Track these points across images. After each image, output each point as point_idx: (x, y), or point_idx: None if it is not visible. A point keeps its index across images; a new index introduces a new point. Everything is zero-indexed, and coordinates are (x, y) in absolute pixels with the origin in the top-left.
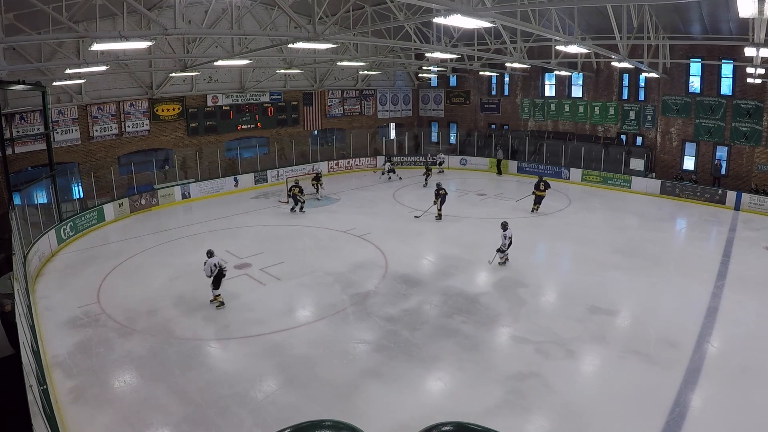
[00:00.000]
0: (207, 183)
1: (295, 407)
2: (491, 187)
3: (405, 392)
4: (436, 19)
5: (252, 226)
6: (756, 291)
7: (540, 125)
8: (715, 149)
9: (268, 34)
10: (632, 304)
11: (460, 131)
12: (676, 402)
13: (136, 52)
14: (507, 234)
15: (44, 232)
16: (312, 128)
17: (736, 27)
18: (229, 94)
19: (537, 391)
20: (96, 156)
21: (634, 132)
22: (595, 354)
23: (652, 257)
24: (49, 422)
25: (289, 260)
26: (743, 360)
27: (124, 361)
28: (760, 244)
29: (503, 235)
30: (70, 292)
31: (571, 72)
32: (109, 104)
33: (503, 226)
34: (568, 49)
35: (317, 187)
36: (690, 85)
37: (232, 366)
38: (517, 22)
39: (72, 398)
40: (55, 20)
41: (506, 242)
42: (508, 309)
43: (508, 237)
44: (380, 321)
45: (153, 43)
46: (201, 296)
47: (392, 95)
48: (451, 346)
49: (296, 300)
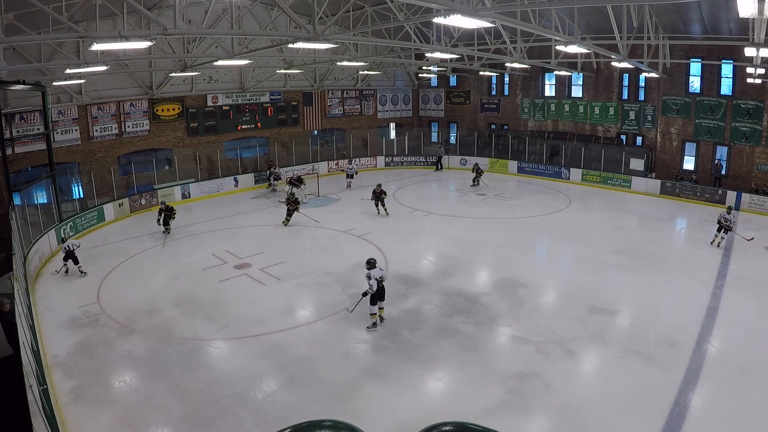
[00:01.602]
0: (207, 183)
1: (295, 407)
2: (491, 187)
3: (405, 392)
4: (436, 19)
5: (252, 226)
6: (756, 291)
7: (540, 125)
8: (715, 149)
9: (268, 34)
10: (632, 304)
11: (460, 131)
12: (676, 402)
13: (136, 52)
14: (373, 274)
15: (44, 232)
16: (312, 128)
17: (736, 27)
18: (229, 94)
19: (537, 391)
20: (96, 156)
21: (634, 132)
22: (595, 354)
23: (652, 257)
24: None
25: (289, 260)
26: (743, 360)
27: (124, 361)
28: (760, 244)
29: (368, 276)
30: (70, 292)
31: (571, 72)
32: (109, 104)
33: (369, 264)
34: (568, 49)
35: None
36: (690, 85)
37: (232, 366)
38: (517, 22)
39: (72, 398)
40: (55, 20)
41: (372, 284)
42: (508, 309)
43: (374, 278)
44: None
45: (153, 43)
46: (201, 296)
47: (392, 95)
48: (451, 346)
49: (296, 300)
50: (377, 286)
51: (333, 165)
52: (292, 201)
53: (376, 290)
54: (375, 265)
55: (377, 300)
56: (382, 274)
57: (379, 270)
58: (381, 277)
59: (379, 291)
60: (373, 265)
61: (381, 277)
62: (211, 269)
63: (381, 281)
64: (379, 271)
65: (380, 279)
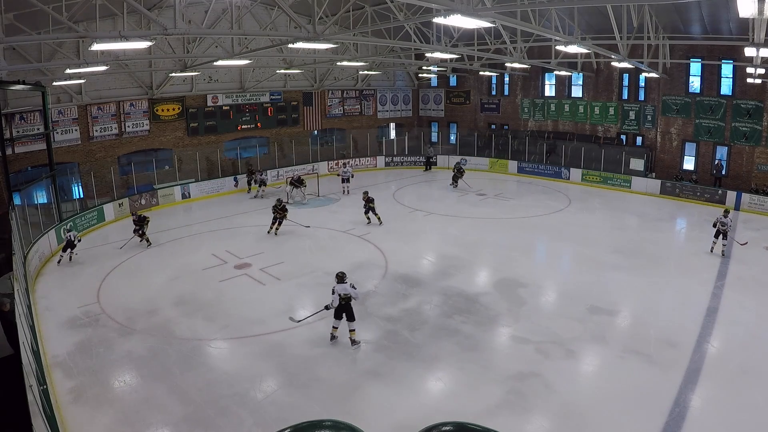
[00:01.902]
0: (207, 183)
1: (295, 407)
2: (491, 187)
3: (405, 392)
4: (436, 19)
5: (252, 226)
6: (756, 291)
7: (540, 125)
8: (715, 149)
9: (268, 34)
10: (632, 304)
11: (460, 131)
12: (676, 402)
13: (136, 52)
14: (337, 289)
15: (44, 232)
16: (312, 128)
17: (736, 27)
18: (229, 94)
19: (537, 391)
20: (96, 156)
21: (634, 132)
22: (595, 354)
23: (652, 257)
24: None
25: (289, 260)
26: (743, 360)
27: (124, 361)
28: (760, 244)
29: (333, 290)
30: (70, 292)
31: (571, 72)
32: (109, 104)
33: (337, 277)
34: (568, 49)
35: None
36: (690, 85)
37: (232, 366)
38: (517, 22)
39: (72, 398)
40: (55, 20)
41: (334, 299)
42: (508, 309)
43: (337, 293)
44: (380, 321)
45: (153, 43)
46: (201, 296)
47: (392, 95)
48: (451, 346)
49: (296, 300)
50: (338, 302)
51: (333, 165)
52: (280, 208)
53: (337, 306)
54: (344, 280)
55: (341, 314)
56: (351, 292)
57: (347, 286)
58: (347, 294)
59: (341, 308)
60: (341, 280)
61: (346, 294)
62: (211, 269)
63: (346, 298)
64: (348, 288)
65: (345, 296)
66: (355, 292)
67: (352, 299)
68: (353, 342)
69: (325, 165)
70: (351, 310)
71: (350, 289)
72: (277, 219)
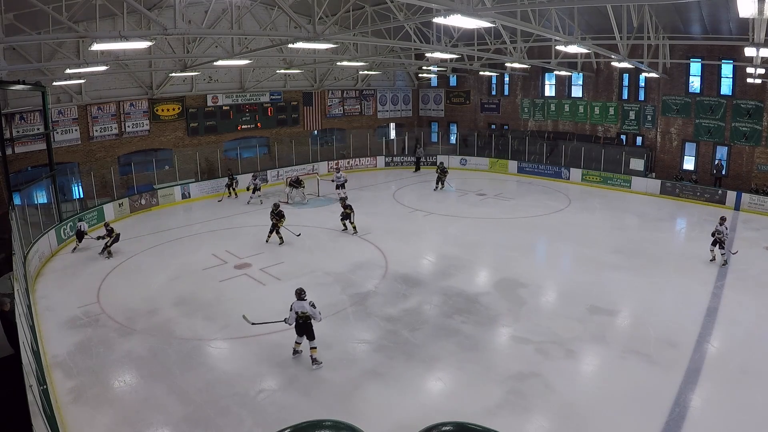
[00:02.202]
0: (207, 183)
1: (295, 407)
2: (491, 187)
3: (405, 392)
4: (436, 19)
5: (252, 226)
6: (756, 291)
7: (540, 125)
8: (715, 149)
9: (268, 34)
10: (632, 304)
11: (460, 131)
12: (676, 402)
13: (136, 52)
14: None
15: (44, 232)
16: (312, 128)
17: (736, 27)
18: (229, 94)
19: (537, 391)
20: (96, 156)
21: (634, 132)
22: (595, 354)
23: (652, 257)
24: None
25: (289, 260)
26: (743, 360)
27: (124, 361)
28: (760, 244)
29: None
30: (70, 292)
31: (571, 72)
32: (109, 104)
33: (296, 294)
34: (568, 49)
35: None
36: (690, 85)
37: (232, 366)
38: (517, 22)
39: (72, 398)
40: (55, 20)
41: (291, 316)
42: (508, 309)
43: (294, 311)
44: (380, 321)
45: (153, 43)
46: (201, 296)
47: (392, 95)
48: (451, 346)
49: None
50: (296, 321)
51: (333, 165)
52: (276, 213)
53: (295, 325)
54: (302, 297)
55: (302, 332)
56: (309, 311)
57: (305, 305)
58: (304, 312)
59: (300, 326)
60: (300, 297)
61: (304, 313)
62: (211, 269)
63: (305, 317)
64: (306, 306)
65: (303, 314)
66: (314, 311)
67: (312, 319)
68: (314, 361)
69: (325, 165)
70: (311, 329)
71: (308, 308)
72: (274, 227)
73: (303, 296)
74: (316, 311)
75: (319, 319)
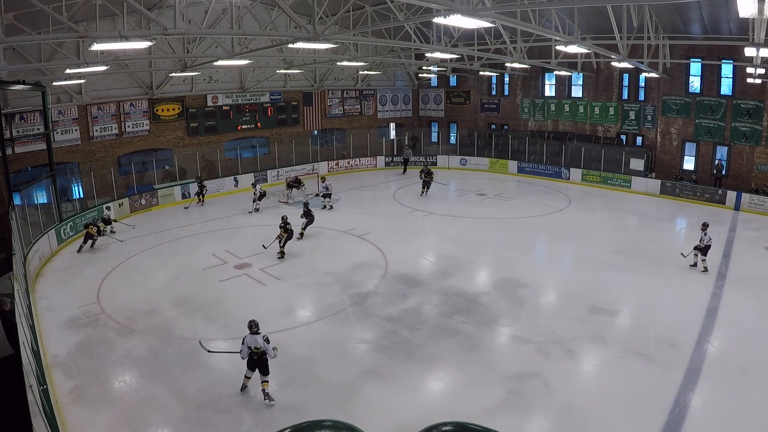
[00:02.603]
0: (207, 183)
1: (295, 407)
2: (491, 187)
3: (405, 392)
4: (436, 19)
5: (252, 226)
6: (756, 291)
7: (540, 125)
8: (715, 149)
9: (268, 34)
10: (632, 304)
11: (460, 131)
12: (676, 402)
13: (136, 52)
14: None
15: (44, 232)
16: (312, 128)
17: (736, 27)
18: (229, 94)
19: (537, 391)
20: (96, 156)
21: (634, 132)
22: (595, 354)
23: (652, 257)
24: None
25: (288, 260)
26: (743, 360)
27: (124, 361)
28: (760, 244)
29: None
30: (70, 292)
31: (571, 72)
32: (109, 104)
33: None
34: (568, 49)
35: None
36: (690, 85)
37: (232, 366)
38: (517, 22)
39: (72, 398)
40: (55, 20)
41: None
42: (508, 309)
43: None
44: (380, 321)
45: (153, 43)
46: (201, 296)
47: (392, 95)
48: (451, 346)
49: (296, 300)
50: (248, 356)
51: (333, 165)
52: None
53: (248, 360)
54: (255, 330)
55: (254, 367)
56: (264, 346)
57: (258, 339)
58: (258, 347)
59: (254, 362)
60: (252, 331)
61: (258, 348)
62: (211, 269)
63: (259, 353)
64: (259, 341)
65: (256, 349)
66: (268, 347)
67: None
68: (266, 395)
69: (325, 165)
70: (265, 364)
71: (262, 342)
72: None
73: (255, 330)
74: (270, 347)
75: (273, 355)
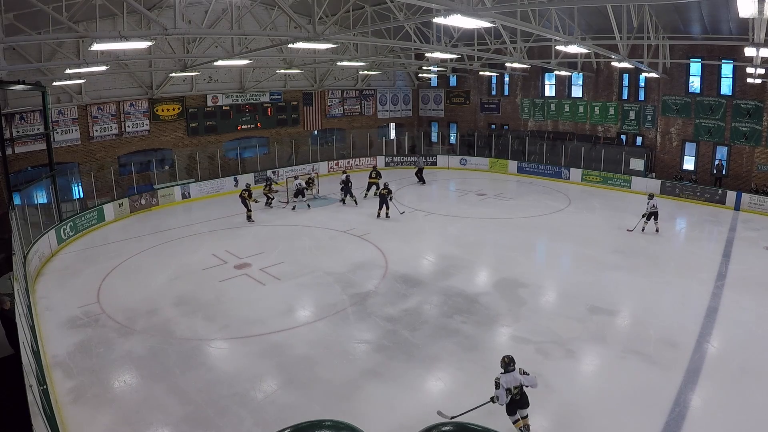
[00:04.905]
0: (207, 183)
1: (295, 407)
2: (491, 187)
3: (405, 392)
4: (436, 19)
5: (252, 226)
6: (756, 291)
7: (540, 125)
8: (715, 149)
9: (268, 34)
10: (632, 304)
11: (460, 131)
12: (676, 402)
13: (136, 52)
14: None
15: (44, 232)
16: (312, 128)
17: (736, 27)
18: (229, 94)
19: (537, 391)
20: (96, 156)
21: (634, 132)
22: (595, 354)
23: (652, 257)
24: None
25: (288, 260)
26: (743, 360)
27: (124, 361)
28: (760, 244)
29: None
30: (70, 292)
31: (571, 72)
32: (109, 104)
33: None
34: (568, 49)
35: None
36: (690, 85)
37: (232, 366)
38: (517, 22)
39: (72, 398)
40: (55, 20)
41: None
42: (508, 309)
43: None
44: (380, 321)
45: (153, 43)
46: (201, 296)
47: (392, 95)
48: (451, 346)
49: (296, 300)
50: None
51: (333, 165)
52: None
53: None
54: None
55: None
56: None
57: (517, 376)
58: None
59: (514, 402)
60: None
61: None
62: (211, 269)
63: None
64: (518, 378)
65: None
66: (530, 378)
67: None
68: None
69: (325, 165)
70: (526, 398)
71: (521, 378)
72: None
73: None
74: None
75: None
